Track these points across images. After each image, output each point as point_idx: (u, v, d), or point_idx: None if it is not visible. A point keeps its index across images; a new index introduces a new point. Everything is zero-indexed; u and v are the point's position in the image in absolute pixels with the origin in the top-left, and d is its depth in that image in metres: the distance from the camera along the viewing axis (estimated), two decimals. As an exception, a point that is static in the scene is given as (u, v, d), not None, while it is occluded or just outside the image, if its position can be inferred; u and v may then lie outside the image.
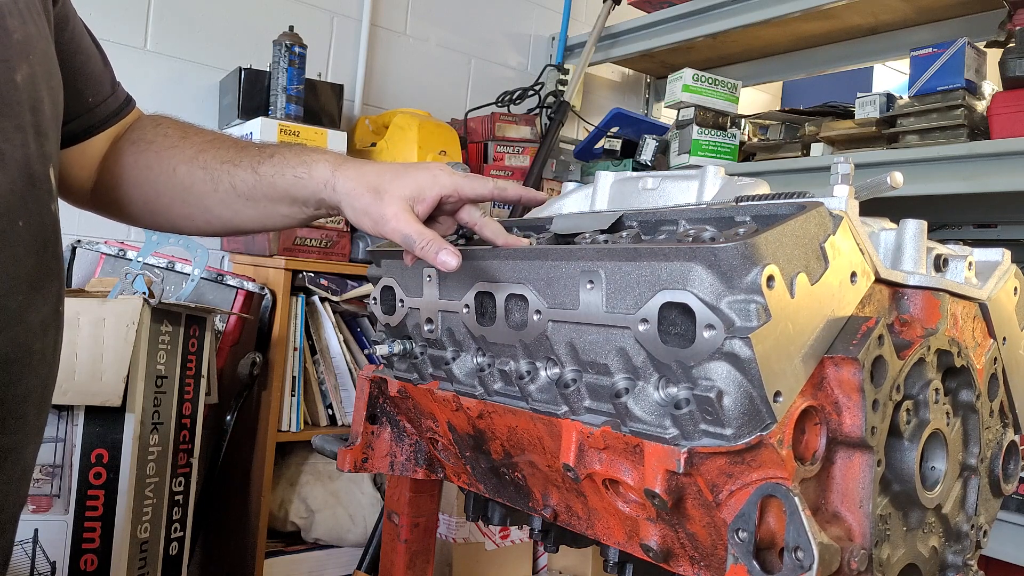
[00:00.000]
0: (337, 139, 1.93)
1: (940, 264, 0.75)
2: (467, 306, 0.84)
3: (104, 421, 1.45)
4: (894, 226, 0.75)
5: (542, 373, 0.78)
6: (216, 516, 1.91)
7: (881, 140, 1.80)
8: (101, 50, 0.87)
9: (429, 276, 0.89)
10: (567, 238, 0.82)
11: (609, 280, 0.69)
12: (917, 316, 0.72)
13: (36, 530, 1.42)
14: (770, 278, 0.60)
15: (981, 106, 1.64)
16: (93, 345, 1.41)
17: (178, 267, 1.83)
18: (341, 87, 2.09)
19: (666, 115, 2.77)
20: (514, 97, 2.45)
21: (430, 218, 0.82)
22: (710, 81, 2.13)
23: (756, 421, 0.61)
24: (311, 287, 1.87)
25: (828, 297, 0.65)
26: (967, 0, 1.90)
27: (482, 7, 2.62)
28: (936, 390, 0.71)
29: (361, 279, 1.94)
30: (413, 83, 2.47)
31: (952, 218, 2.14)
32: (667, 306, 0.64)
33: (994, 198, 1.76)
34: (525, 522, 1.01)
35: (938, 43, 1.67)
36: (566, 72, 2.54)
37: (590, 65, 2.54)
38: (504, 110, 2.43)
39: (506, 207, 2.22)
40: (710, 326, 0.61)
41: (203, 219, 0.89)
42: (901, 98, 1.76)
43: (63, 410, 1.44)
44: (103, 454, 1.44)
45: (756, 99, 3.16)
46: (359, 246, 1.95)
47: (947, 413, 0.73)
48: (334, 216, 0.86)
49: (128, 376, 1.43)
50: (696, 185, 0.85)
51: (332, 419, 1.92)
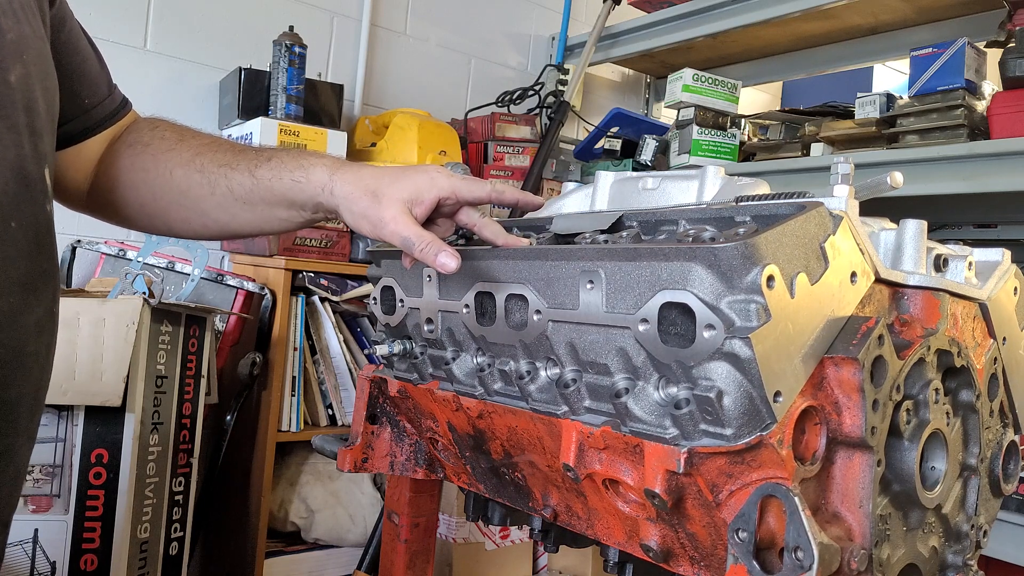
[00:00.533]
0: (337, 139, 1.93)
1: (940, 264, 0.75)
2: (467, 306, 0.84)
3: (104, 421, 1.45)
4: (894, 226, 0.75)
5: (542, 373, 0.78)
6: (216, 516, 1.91)
7: (881, 140, 1.80)
8: (97, 52, 0.87)
9: (429, 276, 0.89)
10: (567, 238, 0.82)
11: (609, 280, 0.69)
12: (917, 316, 0.72)
13: (36, 530, 1.42)
14: (770, 278, 0.60)
15: (981, 106, 1.64)
16: (93, 345, 1.41)
17: (178, 267, 1.83)
18: (341, 87, 2.09)
19: (666, 115, 2.77)
20: (514, 97, 2.45)
21: (428, 220, 0.82)
22: (710, 81, 2.13)
23: (756, 421, 0.61)
24: (311, 287, 1.87)
25: (828, 297, 0.65)
26: (967, 0, 1.90)
27: (482, 7, 2.62)
28: (936, 390, 0.71)
29: (361, 279, 1.94)
30: (413, 83, 2.47)
31: (952, 218, 2.14)
32: (667, 306, 0.64)
33: (994, 198, 1.76)
34: (525, 522, 1.01)
35: (938, 43, 1.67)
36: (566, 72, 2.54)
37: (590, 65, 2.53)
38: (504, 110, 2.43)
39: (506, 208, 2.22)
40: (710, 326, 0.61)
41: (199, 223, 0.89)
42: (901, 98, 1.76)
43: (63, 410, 1.44)
44: (103, 454, 1.44)
45: (756, 99, 3.16)
46: (359, 246, 1.95)
47: (947, 413, 0.73)
48: (331, 220, 0.86)
49: (128, 376, 1.43)
50: (696, 185, 0.85)
51: (332, 419, 1.92)
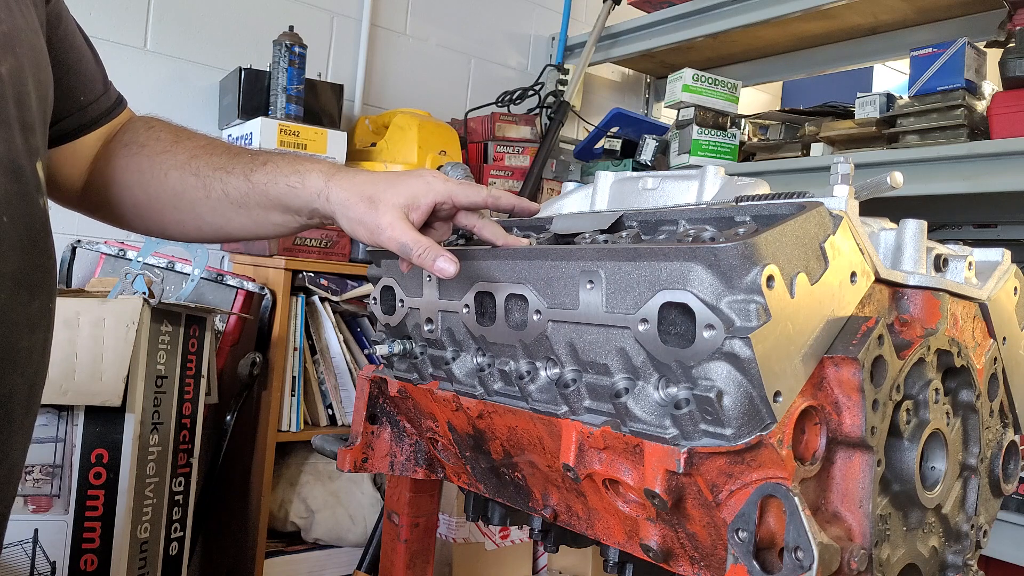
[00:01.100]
0: (337, 139, 1.93)
1: (940, 264, 0.75)
2: (467, 306, 0.84)
3: (104, 421, 1.45)
4: (894, 226, 0.75)
5: (542, 373, 0.78)
6: (216, 516, 1.91)
7: (881, 140, 1.80)
8: (93, 49, 0.86)
9: (429, 276, 0.89)
10: (567, 238, 0.82)
11: (609, 280, 0.69)
12: (917, 316, 0.72)
13: (36, 530, 1.42)
14: (770, 278, 0.60)
15: (981, 106, 1.64)
16: (93, 345, 1.41)
17: (178, 267, 1.83)
18: (341, 87, 2.09)
19: (666, 115, 2.77)
20: (514, 97, 2.44)
21: (425, 225, 0.82)
22: (710, 81, 2.13)
23: (756, 421, 0.61)
24: (311, 287, 1.87)
25: (828, 297, 0.65)
26: (967, 0, 1.90)
27: (482, 7, 2.61)
28: (936, 390, 0.71)
29: (361, 279, 1.94)
30: (413, 83, 2.47)
31: (952, 218, 2.14)
32: (667, 306, 0.64)
33: (994, 198, 1.76)
34: (525, 522, 1.01)
35: (938, 43, 1.67)
36: (566, 72, 2.54)
37: (590, 65, 2.53)
38: (504, 110, 2.43)
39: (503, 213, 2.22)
40: (710, 326, 0.61)
41: (194, 225, 0.88)
42: (901, 98, 1.76)
43: (63, 410, 1.44)
44: (103, 454, 1.44)
45: (756, 99, 3.16)
46: (359, 246, 1.95)
47: (947, 413, 0.73)
48: (327, 225, 0.86)
49: (128, 376, 1.43)
50: (696, 185, 0.85)
51: (332, 419, 1.92)
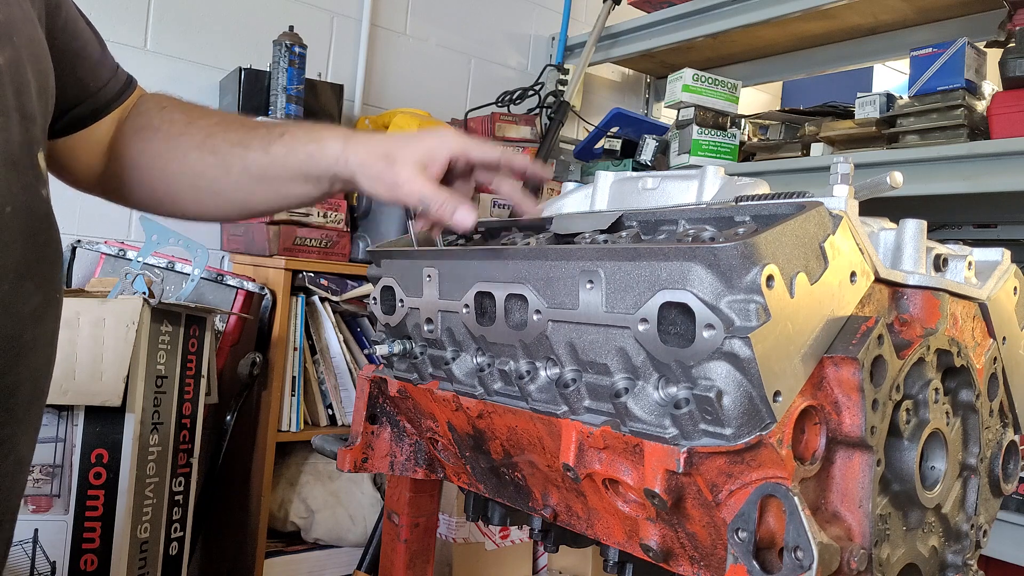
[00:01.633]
0: (337, 139, 1.92)
1: (940, 264, 0.75)
2: (467, 306, 0.84)
3: (104, 421, 1.45)
4: (894, 226, 0.75)
5: (542, 373, 0.78)
6: (216, 516, 1.91)
7: (881, 140, 1.80)
8: (98, 34, 0.86)
9: (429, 276, 0.89)
10: (567, 238, 0.82)
11: (609, 280, 0.69)
12: (917, 316, 0.72)
13: (36, 530, 1.42)
14: (770, 278, 0.60)
15: (981, 106, 1.64)
16: (93, 345, 1.41)
17: (178, 267, 1.83)
18: (341, 87, 2.09)
19: (666, 115, 2.77)
20: (514, 97, 2.45)
21: (443, 182, 0.83)
22: (710, 81, 2.13)
23: (756, 421, 0.61)
24: (311, 287, 1.87)
25: (828, 297, 0.65)
26: (967, 0, 1.90)
27: (482, 7, 2.62)
28: (936, 390, 0.71)
29: (361, 279, 1.94)
30: (413, 83, 2.47)
31: (952, 218, 2.14)
32: (667, 306, 0.64)
33: (994, 198, 1.76)
34: (525, 522, 1.01)
35: (938, 43, 1.67)
36: (566, 72, 2.54)
37: (590, 65, 2.54)
38: (504, 110, 2.43)
39: (506, 207, 2.22)
40: (710, 326, 0.61)
41: (213, 203, 0.88)
42: (901, 98, 1.76)
43: (63, 410, 1.44)
44: (103, 454, 1.44)
45: (756, 99, 3.16)
46: (359, 246, 1.95)
47: (947, 413, 0.73)
48: (348, 191, 0.88)
49: (128, 376, 1.43)
50: (696, 185, 0.85)
51: (332, 419, 1.92)
